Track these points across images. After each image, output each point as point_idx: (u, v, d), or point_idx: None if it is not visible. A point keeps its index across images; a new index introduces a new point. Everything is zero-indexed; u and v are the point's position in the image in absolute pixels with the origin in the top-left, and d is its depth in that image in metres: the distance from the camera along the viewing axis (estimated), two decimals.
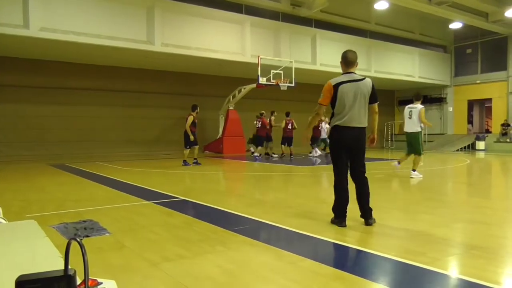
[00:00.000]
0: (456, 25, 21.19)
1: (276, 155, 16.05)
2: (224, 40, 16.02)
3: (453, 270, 3.08)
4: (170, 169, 11.51)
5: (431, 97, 25.35)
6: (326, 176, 9.87)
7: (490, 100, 23.36)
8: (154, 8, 14.36)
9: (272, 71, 15.88)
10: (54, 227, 4.23)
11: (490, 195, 7.45)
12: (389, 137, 25.92)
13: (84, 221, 4.56)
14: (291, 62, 16.46)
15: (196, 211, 5.42)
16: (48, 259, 1.54)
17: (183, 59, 15.73)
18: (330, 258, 3.37)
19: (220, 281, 2.79)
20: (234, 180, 10.07)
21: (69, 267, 0.95)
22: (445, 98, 24.97)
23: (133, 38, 13.92)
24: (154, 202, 5.90)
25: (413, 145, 8.97)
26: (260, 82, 15.76)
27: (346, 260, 3.31)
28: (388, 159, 14.99)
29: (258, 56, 15.60)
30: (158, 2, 14.51)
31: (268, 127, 16.41)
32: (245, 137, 18.87)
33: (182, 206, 5.71)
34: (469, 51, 24.31)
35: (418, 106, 8.82)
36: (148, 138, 18.25)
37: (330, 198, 6.50)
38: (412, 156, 9.08)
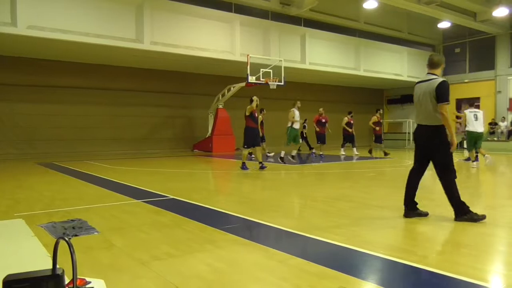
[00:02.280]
0: (444, 25, 21.41)
1: (271, 154, 15.89)
2: (213, 39, 15.98)
3: (440, 268, 3.12)
4: (159, 167, 11.45)
5: None
6: (317, 174, 9.91)
7: (478, 99, 23.66)
8: (143, 6, 14.26)
9: (261, 69, 15.89)
10: (42, 226, 4.19)
11: (478, 193, 7.55)
12: None
13: (73, 220, 4.52)
14: (281, 60, 16.48)
15: (185, 209, 5.41)
16: (36, 259, 1.53)
17: (172, 57, 15.65)
18: (319, 256, 3.39)
19: (209, 280, 2.80)
20: (223, 178, 10.06)
21: (57, 266, 0.95)
22: None
23: (121, 36, 13.81)
24: (143, 201, 5.87)
25: (478, 142, 10.63)
26: (249, 81, 15.74)
27: (336, 258, 3.34)
28: (377, 158, 15.10)
29: (248, 55, 15.59)
30: (147, 0, 14.41)
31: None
32: (234, 135, 18.86)
33: (171, 205, 5.69)
34: (457, 50, 24.59)
35: (480, 110, 10.63)
36: (137, 137, 18.14)
37: (319, 195, 6.54)
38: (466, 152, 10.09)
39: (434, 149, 4.62)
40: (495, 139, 21.61)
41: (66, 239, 0.96)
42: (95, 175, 9.39)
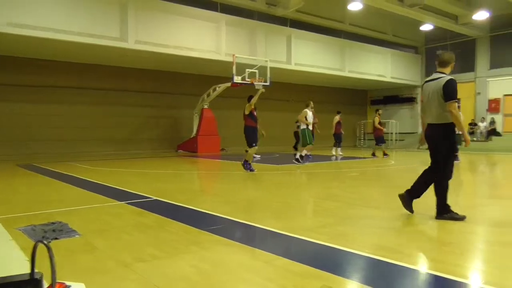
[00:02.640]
0: (427, 27, 21.74)
1: (259, 156, 15.79)
2: (199, 38, 15.90)
3: (423, 266, 3.15)
4: (143, 168, 11.34)
5: (402, 97, 25.93)
6: (303, 175, 9.94)
7: (459, 100, 24.09)
8: (128, 5, 14.11)
9: (247, 70, 15.88)
10: (21, 230, 4.09)
11: (458, 192, 7.67)
12: (362, 135, 26.37)
13: (53, 223, 4.43)
14: (267, 61, 16.49)
15: (170, 211, 5.35)
16: (13, 263, 1.49)
17: (157, 57, 15.52)
18: (304, 256, 3.39)
19: (195, 281, 2.77)
20: (209, 179, 10.01)
21: (36, 270, 0.92)
22: (416, 98, 25.59)
23: (105, 35, 13.64)
24: (126, 203, 5.79)
25: None
26: (235, 81, 15.72)
27: (321, 257, 3.34)
28: (360, 158, 15.25)
29: (233, 55, 15.56)
30: None
31: None
32: (219, 136, 18.82)
33: (155, 206, 5.63)
34: (439, 52, 24.90)
35: None
36: (121, 137, 17.94)
37: (305, 195, 6.56)
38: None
39: (439, 146, 4.65)
40: (475, 139, 22.03)
41: (45, 242, 0.93)
42: (77, 176, 9.23)
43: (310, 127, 12.34)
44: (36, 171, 10.52)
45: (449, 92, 4.50)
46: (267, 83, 16.40)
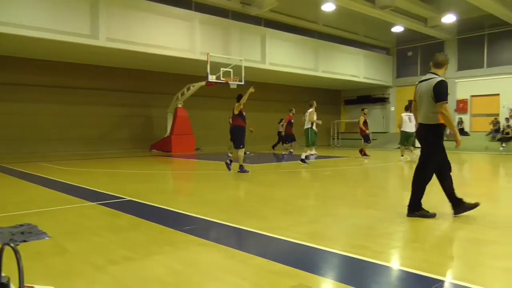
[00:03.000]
0: (398, 29, 22.22)
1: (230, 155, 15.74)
2: (172, 37, 15.72)
3: (395, 262, 3.22)
4: (116, 168, 11.13)
5: (374, 97, 26.43)
6: (278, 174, 9.98)
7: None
8: (99, 1, 13.77)
9: (221, 69, 15.82)
10: None
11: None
12: (335, 135, 26.72)
13: (21, 225, 4.28)
14: (241, 60, 16.49)
15: (144, 211, 5.28)
16: None
17: (130, 55, 15.24)
18: (279, 255, 3.41)
19: (168, 282, 2.74)
20: (183, 179, 9.93)
21: (2, 274, 0.89)
22: (388, 98, 26.13)
23: (75, 32, 13.25)
24: (99, 203, 5.68)
25: (409, 140, 10.95)
26: (209, 80, 15.65)
27: (296, 256, 3.37)
28: (334, 157, 15.45)
29: (208, 54, 15.48)
30: None
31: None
32: (194, 135, 18.67)
33: (128, 207, 5.54)
34: (410, 53, 25.60)
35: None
36: (92, 137, 17.55)
37: (280, 194, 6.59)
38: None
39: (425, 145, 4.76)
40: (444, 138, 22.65)
41: (12, 245, 0.90)
42: (46, 177, 8.97)
43: (314, 126, 12.27)
44: (2, 171, 10.16)
45: (439, 93, 4.56)
46: (242, 83, 16.41)
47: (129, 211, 5.16)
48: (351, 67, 23.24)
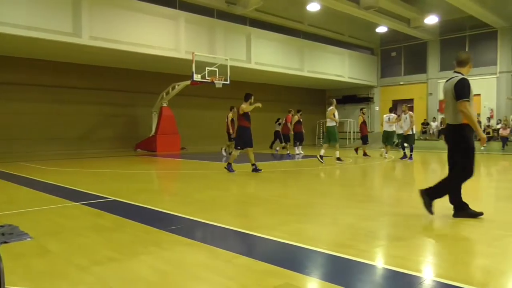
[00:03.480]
0: (382, 29, 22.47)
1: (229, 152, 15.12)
2: (157, 36, 15.58)
3: (379, 261, 3.26)
4: (100, 168, 11.00)
5: (359, 96, 26.66)
6: (262, 173, 9.99)
7: (412, 100, 25.09)
8: None
9: (207, 68, 15.76)
10: None
11: (411, 188, 8.00)
12: (321, 134, 26.87)
13: (2, 226, 4.20)
14: (226, 59, 16.45)
15: (128, 211, 5.22)
16: None
17: (114, 53, 15.06)
18: (264, 254, 3.42)
19: (153, 282, 2.72)
20: (168, 178, 9.86)
21: None
22: (372, 98, 26.39)
23: (57, 30, 13.01)
24: (82, 203, 5.60)
25: (389, 139, 11.11)
26: (194, 79, 15.58)
27: (281, 255, 3.38)
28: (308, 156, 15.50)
29: (193, 53, 15.40)
30: None
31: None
32: (179, 134, 18.56)
33: (112, 207, 5.48)
34: (393, 54, 25.91)
35: (393, 114, 10.59)
36: (76, 136, 17.29)
37: (265, 193, 6.60)
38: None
39: (450, 146, 4.65)
40: (427, 138, 23.03)
41: None
42: (27, 177, 8.81)
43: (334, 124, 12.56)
44: None
45: (460, 90, 4.46)
46: (227, 82, 16.38)
47: (114, 211, 5.10)
48: (336, 67, 23.40)
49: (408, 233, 4.07)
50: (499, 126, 19.93)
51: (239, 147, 9.59)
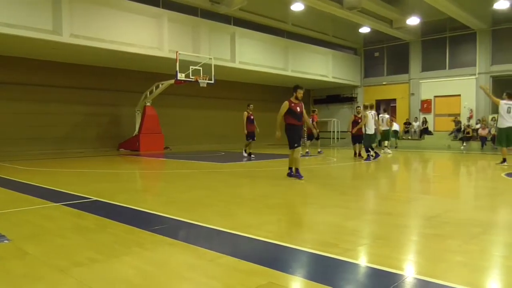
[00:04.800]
0: (365, 30, 22.71)
1: (253, 156, 13.86)
2: (140, 34, 15.42)
3: (362, 259, 3.29)
4: (82, 168, 10.83)
5: (343, 96, 26.88)
6: (247, 172, 9.99)
7: (395, 100, 25.42)
8: None
9: (191, 67, 15.67)
10: None
11: (394, 187, 8.11)
12: (304, 134, 26.97)
13: None
14: (210, 58, 16.38)
15: (111, 211, 5.15)
16: None
17: (96, 52, 14.84)
18: (248, 253, 3.41)
19: (136, 283, 2.69)
20: (151, 178, 9.77)
21: None
22: (356, 97, 26.63)
23: (36, 27, 12.74)
24: (63, 204, 5.50)
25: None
26: (178, 78, 15.48)
27: (264, 255, 3.38)
28: (304, 156, 15.58)
29: (177, 52, 15.29)
30: None
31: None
32: (163, 134, 18.41)
33: (94, 207, 5.39)
34: (376, 54, 26.20)
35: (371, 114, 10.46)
36: (57, 136, 16.97)
37: (249, 193, 6.60)
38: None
39: None
40: (409, 137, 23.36)
41: None
42: (5, 177, 8.61)
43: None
44: None
45: None
46: (212, 81, 16.32)
47: (95, 212, 5.02)
48: (320, 66, 23.54)
49: (390, 231, 4.12)
50: (478, 126, 20.34)
51: (295, 146, 8.12)
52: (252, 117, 13.61)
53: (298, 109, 8.15)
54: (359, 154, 13.69)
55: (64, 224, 4.47)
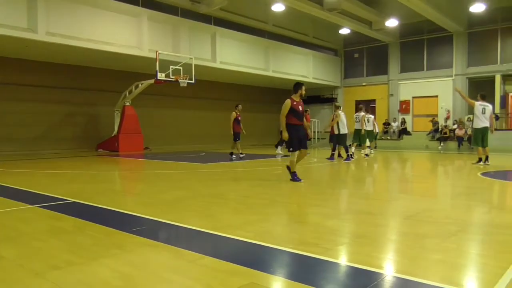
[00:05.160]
0: (345, 31, 22.96)
1: (243, 155, 13.89)
2: (119, 33, 15.18)
3: (343, 258, 3.31)
4: (58, 169, 10.60)
5: (323, 97, 27.10)
6: (228, 173, 9.95)
7: (374, 101, 25.77)
8: None
9: (171, 66, 15.54)
10: None
11: (373, 187, 8.21)
12: None
13: None
14: (191, 58, 16.28)
15: (89, 213, 5.06)
16: None
17: (73, 50, 14.52)
18: (229, 254, 3.40)
19: (115, 286, 2.64)
20: (130, 179, 9.64)
21: None
22: (336, 98, 26.89)
23: (10, 24, 12.36)
24: (39, 206, 5.37)
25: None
26: (158, 78, 15.33)
27: (246, 255, 3.37)
28: (286, 156, 15.63)
29: (157, 51, 15.13)
30: None
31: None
32: (142, 134, 18.19)
33: (72, 209, 5.28)
34: (356, 55, 26.50)
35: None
36: (31, 136, 16.53)
37: (230, 193, 6.58)
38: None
39: None
40: (388, 138, 23.72)
41: None
42: None
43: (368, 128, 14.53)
44: None
45: None
46: (192, 81, 16.22)
47: (73, 214, 4.92)
48: (300, 67, 23.67)
49: (369, 230, 4.16)
50: (455, 126, 20.81)
51: (291, 149, 7.79)
52: (239, 118, 13.56)
53: (300, 108, 7.80)
54: (339, 155, 13.75)
55: (40, 226, 4.36)
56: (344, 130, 13.05)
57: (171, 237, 4.01)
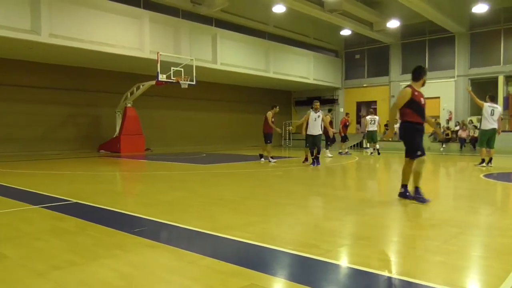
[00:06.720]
0: (346, 32, 22.95)
1: (275, 160, 12.89)
2: (121, 34, 15.22)
3: (343, 260, 3.32)
4: (61, 170, 10.62)
5: (324, 98, 27.07)
6: (227, 174, 9.96)
7: (375, 102, 25.73)
8: None
9: (172, 68, 15.55)
10: None
11: (374, 188, 8.21)
12: (287, 135, 27.10)
13: None
14: (192, 60, 16.29)
15: (90, 214, 5.07)
16: None
17: (75, 52, 14.56)
18: (229, 255, 3.40)
19: (116, 286, 2.65)
20: (132, 180, 9.65)
21: None
22: (337, 99, 26.88)
23: (14, 27, 12.42)
24: (41, 206, 5.39)
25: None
26: (159, 79, 15.34)
27: (246, 256, 3.38)
28: (287, 157, 15.66)
29: (158, 53, 15.15)
30: None
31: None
32: (144, 135, 18.21)
33: (74, 210, 5.30)
34: (357, 56, 26.48)
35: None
36: (33, 137, 16.58)
37: (230, 194, 6.58)
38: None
39: None
40: (390, 139, 23.67)
41: None
42: None
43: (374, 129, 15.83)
44: None
45: None
46: (193, 82, 16.23)
47: (75, 214, 4.93)
48: (301, 68, 23.66)
49: (369, 232, 4.17)
50: (457, 128, 20.77)
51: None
52: (273, 119, 12.69)
53: (422, 100, 6.37)
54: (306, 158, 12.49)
55: (42, 226, 4.38)
56: (314, 131, 11.85)
57: (172, 238, 4.02)
